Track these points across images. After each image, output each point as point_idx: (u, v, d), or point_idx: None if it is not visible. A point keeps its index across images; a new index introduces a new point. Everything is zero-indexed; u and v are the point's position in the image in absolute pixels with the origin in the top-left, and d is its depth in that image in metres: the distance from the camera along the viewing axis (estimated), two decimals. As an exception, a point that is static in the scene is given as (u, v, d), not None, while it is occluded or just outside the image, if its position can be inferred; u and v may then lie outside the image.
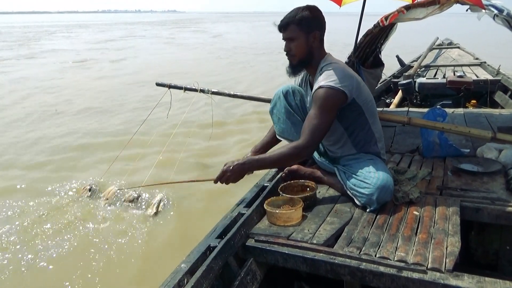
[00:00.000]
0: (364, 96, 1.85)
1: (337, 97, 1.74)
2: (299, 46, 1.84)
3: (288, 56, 1.89)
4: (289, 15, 1.83)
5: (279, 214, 1.66)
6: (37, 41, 21.08)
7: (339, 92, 1.73)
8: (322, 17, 1.86)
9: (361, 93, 1.83)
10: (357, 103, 1.82)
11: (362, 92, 1.84)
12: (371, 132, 1.91)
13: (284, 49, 1.88)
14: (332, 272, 1.40)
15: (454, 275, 1.25)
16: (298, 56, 1.86)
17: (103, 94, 7.49)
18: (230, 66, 11.38)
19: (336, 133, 1.93)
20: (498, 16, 2.87)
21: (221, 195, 3.14)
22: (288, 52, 1.87)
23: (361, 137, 1.91)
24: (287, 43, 1.86)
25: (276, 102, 2.14)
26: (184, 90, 2.95)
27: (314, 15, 1.82)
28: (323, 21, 1.86)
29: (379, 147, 1.94)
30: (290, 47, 1.85)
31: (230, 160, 1.74)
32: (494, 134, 2.21)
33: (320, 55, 1.88)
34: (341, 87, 1.73)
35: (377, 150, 1.93)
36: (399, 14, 2.87)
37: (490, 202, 1.72)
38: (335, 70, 1.77)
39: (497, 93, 4.48)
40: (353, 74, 1.83)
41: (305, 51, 1.85)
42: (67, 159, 4.11)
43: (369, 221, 1.64)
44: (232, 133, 4.91)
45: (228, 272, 1.49)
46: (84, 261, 2.33)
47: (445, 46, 8.01)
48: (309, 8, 1.82)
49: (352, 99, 1.80)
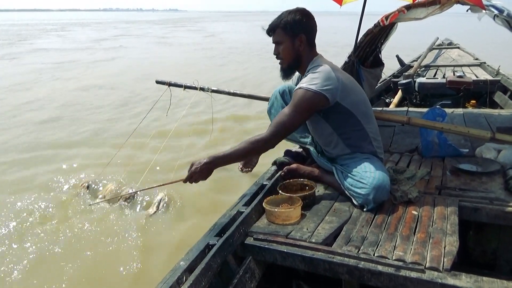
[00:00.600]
0: (352, 98, 1.83)
1: (315, 100, 1.73)
2: (286, 50, 1.85)
3: (278, 60, 1.91)
4: (275, 20, 1.84)
5: (278, 212, 1.67)
6: (28, 40, 20.68)
7: (317, 95, 1.72)
8: (310, 19, 1.85)
9: (348, 95, 1.81)
10: (343, 106, 1.80)
11: (349, 94, 1.81)
12: (365, 132, 1.89)
13: (273, 53, 1.90)
14: (330, 271, 1.41)
15: (452, 275, 1.26)
16: (287, 60, 1.88)
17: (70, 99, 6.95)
18: (218, 68, 10.86)
19: (325, 133, 1.93)
20: (498, 17, 2.87)
21: (221, 194, 3.15)
22: (277, 56, 1.90)
23: (354, 137, 1.90)
24: (276, 46, 1.88)
25: (274, 102, 2.16)
26: (184, 88, 2.95)
27: (300, 19, 1.81)
28: (310, 24, 1.85)
29: (375, 146, 1.93)
30: (278, 50, 1.87)
31: (197, 160, 1.73)
32: (493, 134, 2.21)
33: (309, 57, 1.87)
34: (322, 91, 1.72)
35: (373, 149, 1.92)
36: (399, 13, 2.87)
37: (489, 202, 1.72)
38: (319, 73, 1.76)
39: (496, 94, 4.49)
40: (340, 77, 1.78)
41: (292, 55, 1.86)
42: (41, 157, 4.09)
43: (368, 220, 1.64)
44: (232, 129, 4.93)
45: (227, 270, 1.49)
46: (80, 259, 2.33)
47: (445, 46, 8.01)
48: (296, 12, 1.82)
49: (336, 102, 1.78)
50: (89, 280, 2.19)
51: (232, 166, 3.62)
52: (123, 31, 29.93)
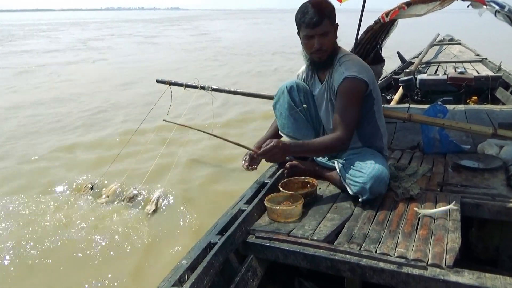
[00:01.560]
0: (377, 89, 1.90)
1: (362, 87, 1.78)
2: (331, 40, 1.81)
3: (317, 53, 1.82)
4: (316, 11, 1.73)
5: (280, 210, 1.67)
6: (13, 42, 19.95)
7: (362, 82, 1.76)
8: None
9: (376, 86, 1.87)
10: (372, 96, 1.85)
11: (376, 85, 1.88)
12: (377, 127, 1.93)
13: (315, 47, 1.79)
14: (332, 269, 1.41)
15: (454, 271, 1.26)
16: (329, 51, 1.83)
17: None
18: (207, 72, 9.57)
19: None
20: (499, 12, 2.86)
21: (221, 192, 3.15)
22: (320, 49, 1.80)
23: (367, 130, 1.92)
24: (319, 39, 1.77)
25: (280, 97, 2.11)
26: (185, 87, 2.96)
27: (334, 8, 1.83)
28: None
29: (384, 143, 1.96)
30: (323, 42, 1.78)
31: (275, 139, 1.74)
32: (495, 130, 2.20)
33: (337, 47, 1.89)
34: (363, 78, 1.76)
35: (382, 145, 1.94)
36: (400, 10, 2.86)
37: (491, 198, 1.72)
38: (355, 62, 1.80)
39: (498, 90, 4.47)
40: (369, 67, 1.86)
41: (334, 45, 1.85)
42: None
43: (370, 217, 1.64)
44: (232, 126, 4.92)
45: (229, 268, 1.49)
46: (82, 258, 2.34)
47: (446, 43, 7.99)
48: (326, 1, 1.80)
49: (369, 91, 1.82)
50: (88, 276, 2.19)
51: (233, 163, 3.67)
52: (116, 31, 29.35)
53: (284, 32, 23.64)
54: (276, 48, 14.93)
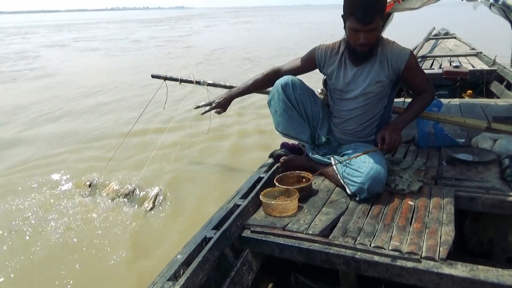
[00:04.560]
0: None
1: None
2: (377, 35, 1.78)
3: (362, 47, 1.79)
4: (372, 6, 1.67)
5: (275, 205, 1.67)
6: None
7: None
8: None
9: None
10: (398, 80, 1.95)
11: None
12: (388, 116, 2.05)
13: (360, 41, 1.75)
14: (327, 262, 1.42)
15: (448, 264, 1.27)
16: (373, 45, 1.82)
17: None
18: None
19: (375, 110, 1.98)
20: (494, 5, 2.87)
21: (217, 188, 3.15)
22: (365, 44, 1.77)
23: (380, 120, 2.00)
24: (367, 34, 1.73)
25: (274, 95, 2.05)
26: (180, 82, 2.94)
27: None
28: None
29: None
30: (370, 37, 1.75)
31: (381, 130, 1.85)
32: (489, 124, 2.21)
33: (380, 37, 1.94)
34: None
35: None
36: (395, 3, 2.86)
37: (485, 192, 1.73)
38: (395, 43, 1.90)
39: (493, 83, 4.48)
40: None
41: (378, 38, 1.84)
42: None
43: (364, 211, 1.65)
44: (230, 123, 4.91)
45: (224, 263, 1.50)
46: (79, 255, 2.34)
47: (442, 37, 7.98)
48: None
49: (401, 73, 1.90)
50: (84, 272, 2.19)
51: (232, 161, 3.67)
52: (103, 32, 27.22)
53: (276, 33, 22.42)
54: (275, 49, 14.35)
